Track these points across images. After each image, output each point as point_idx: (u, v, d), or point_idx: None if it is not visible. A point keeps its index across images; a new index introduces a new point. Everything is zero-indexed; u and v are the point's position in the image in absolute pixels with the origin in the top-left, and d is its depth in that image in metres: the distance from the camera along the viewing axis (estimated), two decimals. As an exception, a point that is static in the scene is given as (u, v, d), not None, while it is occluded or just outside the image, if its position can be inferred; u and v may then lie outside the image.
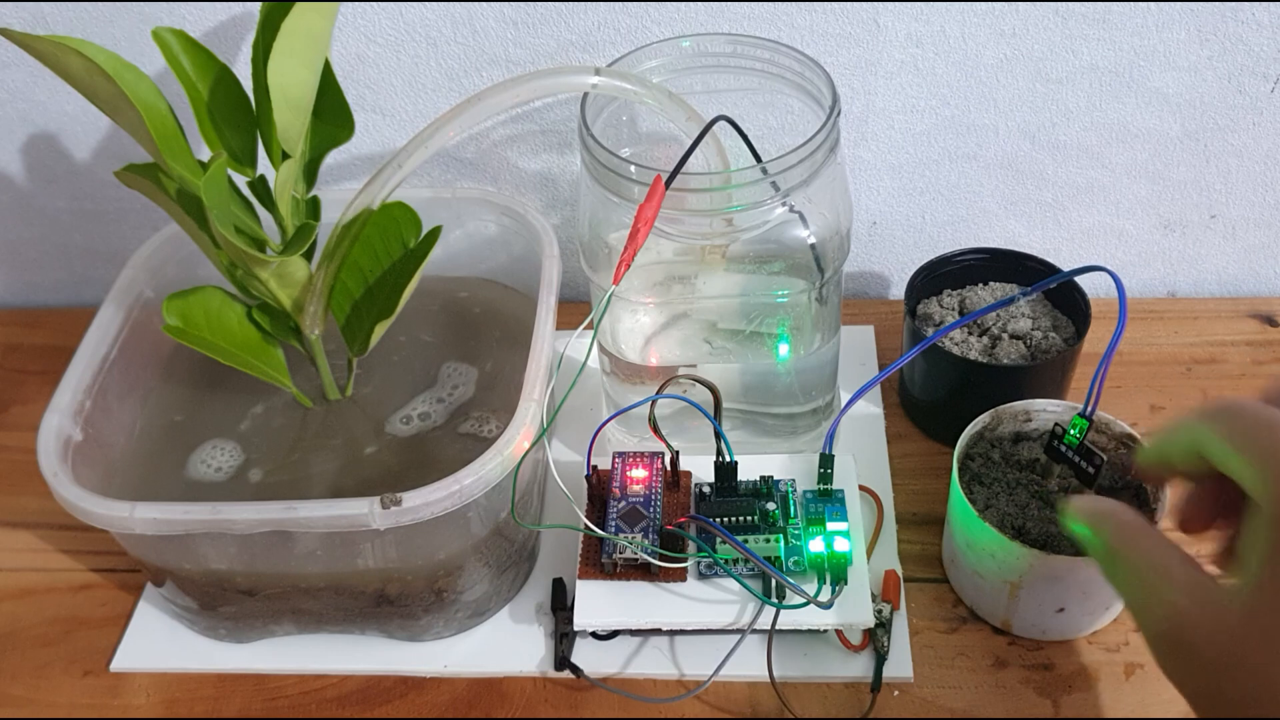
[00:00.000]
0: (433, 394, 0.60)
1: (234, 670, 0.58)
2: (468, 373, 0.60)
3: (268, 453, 0.60)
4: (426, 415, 0.58)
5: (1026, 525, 0.55)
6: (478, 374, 0.60)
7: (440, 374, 0.61)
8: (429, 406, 0.59)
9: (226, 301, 0.59)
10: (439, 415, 0.59)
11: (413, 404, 0.60)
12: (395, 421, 0.59)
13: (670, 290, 0.61)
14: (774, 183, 0.52)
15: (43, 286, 0.84)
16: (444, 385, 0.60)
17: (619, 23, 0.66)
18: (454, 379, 0.60)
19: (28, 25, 0.68)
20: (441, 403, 0.60)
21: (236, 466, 0.59)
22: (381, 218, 0.59)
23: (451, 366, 0.60)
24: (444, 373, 0.60)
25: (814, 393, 0.64)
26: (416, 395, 0.61)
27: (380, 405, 0.62)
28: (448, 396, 0.59)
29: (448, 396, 0.59)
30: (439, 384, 0.60)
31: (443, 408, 0.59)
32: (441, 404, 0.60)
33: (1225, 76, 0.67)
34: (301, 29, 0.51)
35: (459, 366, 0.60)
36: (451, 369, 0.60)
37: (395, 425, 0.59)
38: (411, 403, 0.60)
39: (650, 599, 0.54)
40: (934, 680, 0.56)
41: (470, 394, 0.60)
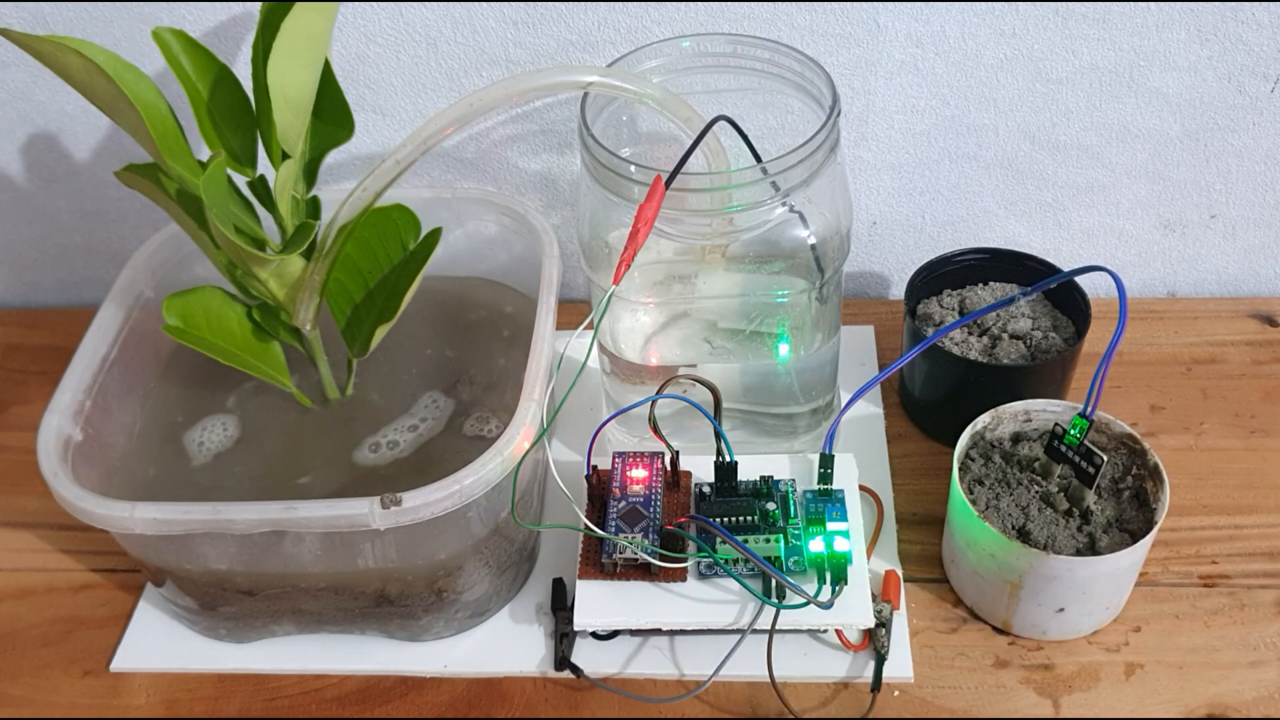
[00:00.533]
0: (406, 421, 0.59)
1: (234, 670, 0.58)
2: (445, 405, 0.59)
3: (267, 452, 0.60)
4: (395, 444, 0.58)
5: (1027, 525, 0.55)
6: (454, 406, 0.59)
7: (418, 403, 0.60)
8: (399, 435, 0.58)
9: (226, 301, 0.59)
10: (408, 446, 0.58)
11: (384, 431, 0.59)
12: (364, 449, 0.58)
13: (670, 290, 0.61)
14: (774, 183, 0.52)
15: (43, 286, 0.84)
16: (419, 414, 0.59)
17: (619, 23, 0.66)
18: (429, 410, 0.59)
19: (28, 25, 0.68)
20: (414, 431, 0.59)
21: (233, 440, 0.59)
22: (380, 220, 0.59)
23: (431, 396, 0.60)
24: (422, 402, 0.60)
25: (814, 393, 0.64)
26: (389, 422, 0.60)
27: (379, 406, 0.62)
28: (420, 424, 0.59)
29: (420, 424, 0.59)
30: (413, 413, 0.60)
31: (413, 437, 0.58)
32: (413, 433, 0.59)
33: (1225, 76, 0.67)
34: (301, 29, 0.51)
35: (438, 397, 0.60)
36: (431, 399, 0.60)
37: (364, 453, 0.58)
38: (383, 430, 0.59)
39: (650, 599, 0.54)
40: (934, 680, 0.56)
41: (443, 426, 0.59)
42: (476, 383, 0.63)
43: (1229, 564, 0.60)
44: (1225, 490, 0.64)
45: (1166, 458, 0.57)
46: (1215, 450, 0.66)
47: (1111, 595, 0.56)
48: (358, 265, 0.60)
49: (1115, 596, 0.56)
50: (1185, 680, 0.55)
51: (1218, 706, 0.54)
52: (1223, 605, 0.58)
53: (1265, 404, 0.69)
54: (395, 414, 0.61)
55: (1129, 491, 0.57)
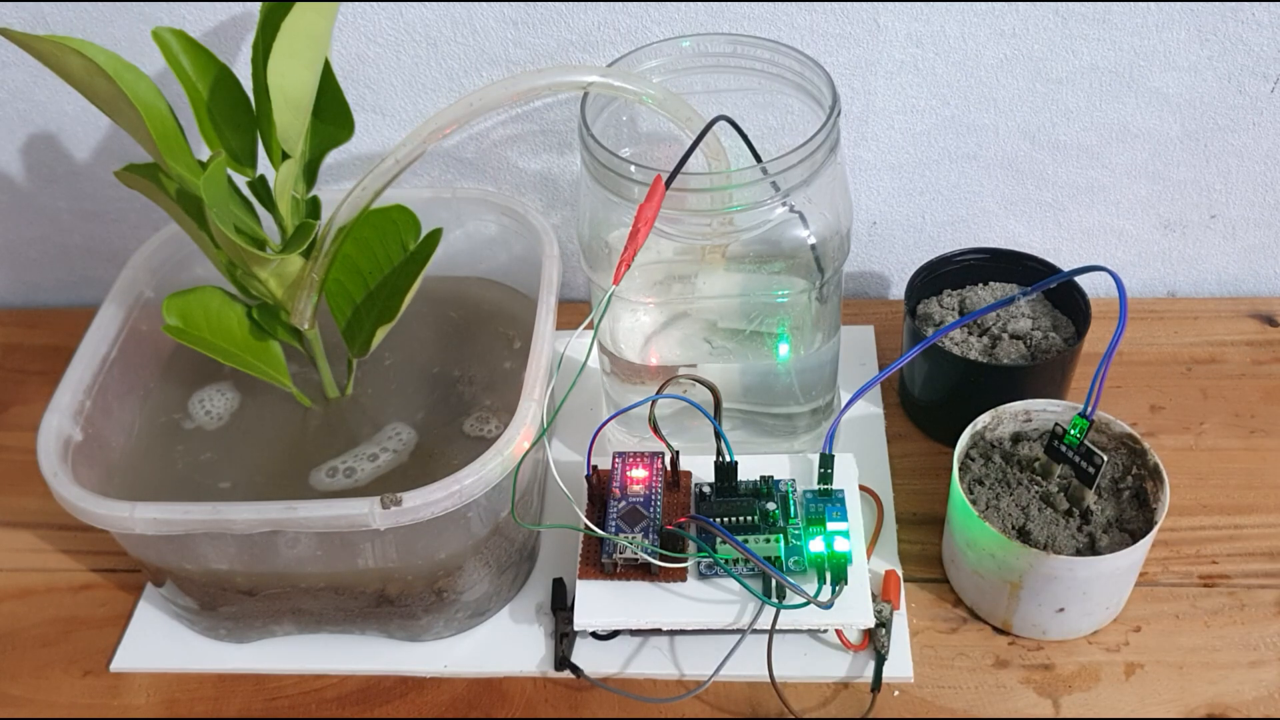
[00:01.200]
0: (366, 449, 0.59)
1: (234, 670, 0.58)
2: (408, 437, 0.59)
3: (266, 451, 0.60)
4: (352, 471, 0.57)
5: (1027, 525, 0.55)
6: (418, 439, 0.59)
7: (381, 432, 0.59)
8: (357, 463, 0.58)
9: (226, 301, 0.59)
10: (365, 475, 0.57)
11: (342, 458, 0.58)
12: (322, 473, 0.58)
13: (670, 290, 0.61)
14: (774, 183, 0.52)
15: (43, 286, 0.84)
16: (381, 443, 0.59)
17: (619, 23, 0.66)
18: (392, 441, 0.59)
19: (28, 25, 0.68)
20: (373, 460, 0.58)
21: (231, 412, 0.59)
22: (380, 220, 0.59)
23: (395, 428, 0.59)
24: (386, 431, 0.59)
25: (814, 393, 0.64)
26: (350, 449, 0.59)
27: (379, 406, 0.62)
28: (380, 455, 0.58)
29: (380, 455, 0.58)
30: (374, 441, 0.59)
31: (372, 467, 0.58)
32: (372, 462, 0.58)
33: (1225, 76, 0.67)
34: (301, 29, 0.51)
35: (402, 429, 0.59)
36: (394, 430, 0.59)
37: (321, 477, 0.57)
38: (341, 456, 0.58)
39: (650, 599, 0.54)
40: (934, 680, 0.56)
41: (404, 460, 0.58)
42: (476, 383, 0.63)
43: (1229, 564, 0.60)
44: (1225, 490, 0.64)
45: (1166, 458, 0.57)
46: (1215, 450, 0.66)
47: (1111, 595, 0.56)
48: (358, 266, 0.60)
49: (1115, 596, 0.56)
50: (1185, 680, 0.55)
51: (1218, 706, 0.54)
52: (1223, 605, 0.58)
53: (1265, 404, 0.69)
54: (320, 466, 0.59)
55: (1129, 491, 0.57)
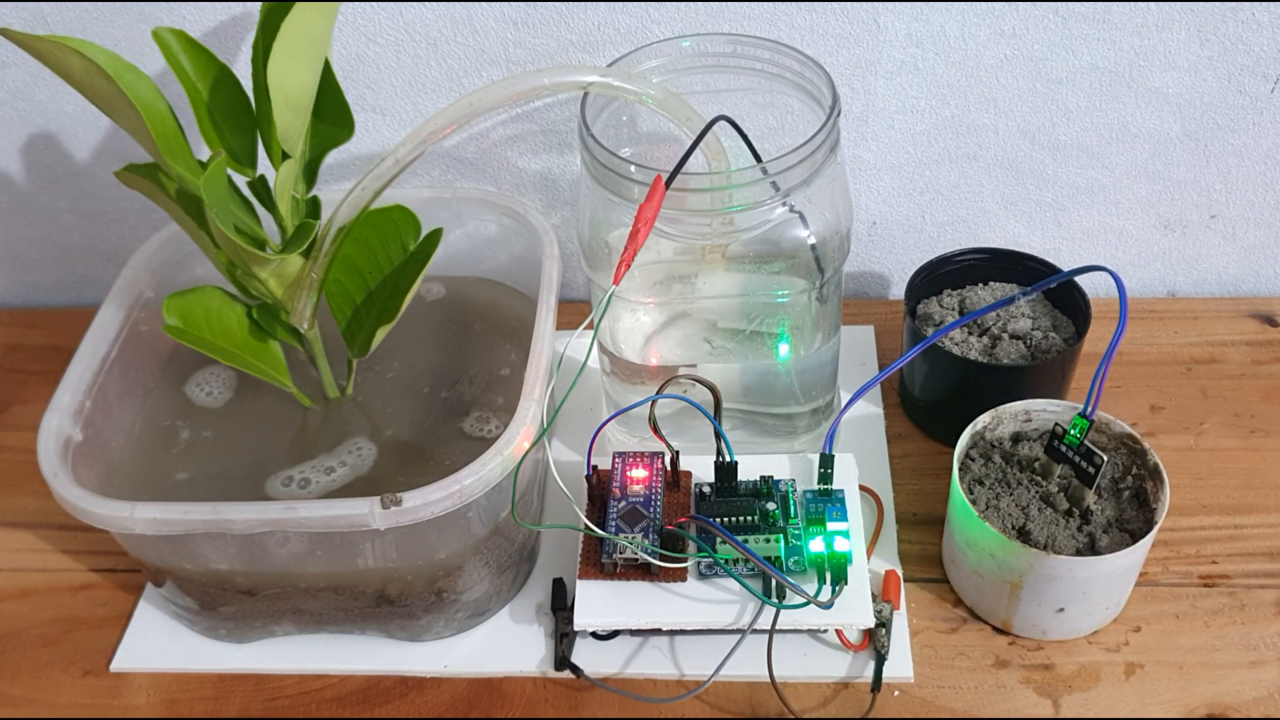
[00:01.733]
0: (325, 461, 0.58)
1: (234, 670, 0.58)
2: (368, 451, 0.59)
3: (265, 450, 0.60)
4: (307, 481, 0.57)
5: (1027, 525, 0.55)
6: (377, 453, 0.59)
7: (342, 446, 0.59)
8: (314, 475, 0.57)
9: (226, 301, 0.59)
10: (318, 488, 0.57)
11: (299, 467, 0.58)
12: (277, 482, 0.57)
13: (670, 290, 0.61)
14: (774, 183, 0.52)
15: (43, 286, 0.84)
16: (340, 456, 0.58)
17: (619, 23, 0.66)
18: (351, 456, 0.58)
19: (28, 25, 0.68)
20: (329, 474, 0.58)
21: (231, 392, 0.59)
22: (380, 220, 0.59)
23: (356, 443, 0.59)
24: (346, 445, 0.59)
25: (814, 393, 0.64)
26: (306, 460, 0.59)
27: (379, 406, 0.62)
28: (338, 468, 0.58)
29: (338, 468, 0.58)
30: (335, 454, 0.59)
31: (326, 480, 0.57)
32: (328, 475, 0.58)
33: (1225, 76, 0.67)
34: (301, 29, 0.51)
35: (363, 444, 0.59)
36: (355, 444, 0.59)
37: (275, 486, 0.57)
38: (299, 466, 0.58)
39: (650, 599, 0.54)
40: (934, 680, 0.56)
41: (362, 474, 0.58)
42: (476, 383, 0.63)
43: (1229, 564, 0.60)
44: (1225, 490, 0.64)
45: (1166, 458, 0.57)
46: (1215, 450, 0.66)
47: (1111, 595, 0.56)
48: (358, 266, 0.60)
49: (1115, 596, 0.56)
50: (1185, 680, 0.55)
51: (1218, 706, 0.54)
52: (1223, 605, 0.58)
53: (1265, 404, 0.69)
54: (275, 474, 0.59)
55: (1129, 491, 0.57)
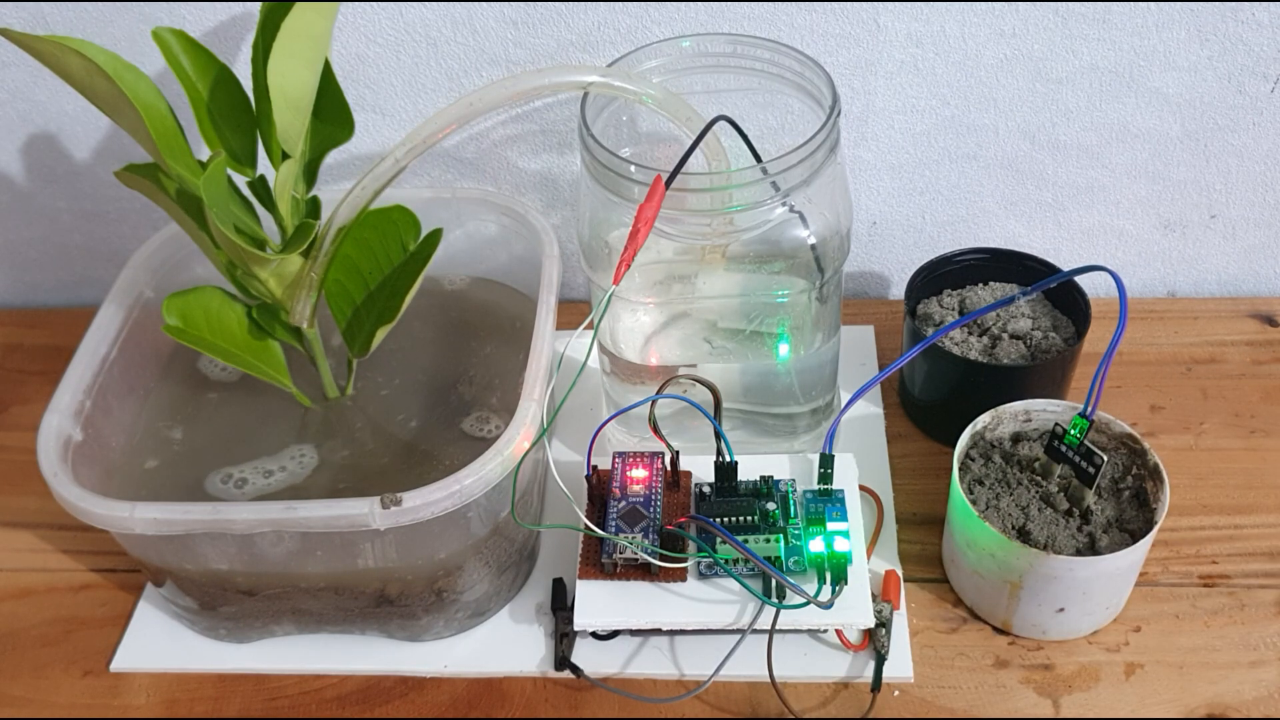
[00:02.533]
0: (265, 464, 0.59)
1: (234, 670, 0.58)
2: (310, 459, 0.59)
3: (263, 450, 0.60)
4: (244, 481, 0.57)
5: (1027, 525, 0.55)
6: (318, 461, 0.59)
7: (284, 452, 0.59)
8: (252, 475, 0.58)
9: (226, 301, 0.59)
10: (254, 490, 0.57)
11: (241, 467, 0.58)
12: (215, 479, 0.58)
13: (670, 290, 0.61)
14: (774, 183, 0.52)
15: (43, 286, 0.84)
16: (282, 461, 0.59)
17: (619, 23, 0.66)
18: (293, 462, 0.59)
19: (28, 25, 0.68)
20: (268, 476, 0.58)
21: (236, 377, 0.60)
22: (380, 221, 0.59)
23: (300, 449, 0.59)
24: (289, 451, 0.59)
25: (814, 393, 0.64)
26: (251, 459, 0.59)
27: (379, 406, 0.62)
28: (277, 472, 0.58)
29: (277, 472, 0.58)
30: (278, 458, 0.59)
31: (264, 483, 0.58)
32: (267, 478, 0.58)
33: (1225, 76, 0.67)
34: (301, 29, 0.51)
35: (307, 450, 0.59)
36: (299, 451, 0.59)
37: (214, 483, 0.57)
38: (240, 465, 0.58)
39: (650, 599, 0.54)
40: (934, 680, 0.56)
41: (300, 480, 0.58)
42: (476, 383, 0.63)
43: (1229, 564, 0.60)
44: (1225, 490, 0.64)
45: (1166, 458, 0.57)
46: (1215, 450, 0.66)
47: (1111, 595, 0.56)
48: (358, 266, 0.60)
49: (1115, 596, 0.56)
50: (1185, 680, 0.55)
51: (1218, 706, 0.54)
52: (1223, 605, 0.58)
53: (1265, 404, 0.69)
54: (215, 471, 0.59)
55: (1129, 491, 0.57)
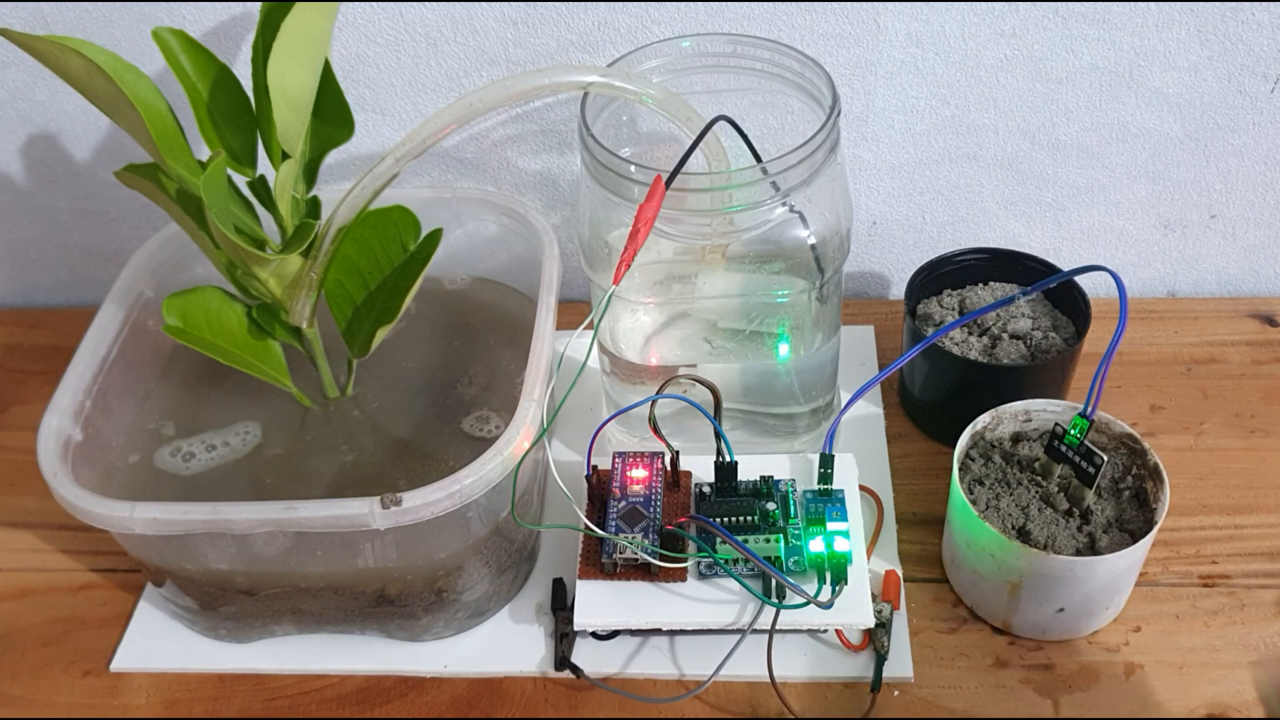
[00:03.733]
0: (211, 438, 0.59)
1: (234, 670, 0.58)
2: (253, 436, 0.60)
3: (266, 451, 0.60)
4: (191, 455, 0.58)
5: (1027, 526, 0.55)
6: (262, 434, 0.60)
7: (230, 427, 0.60)
8: (198, 449, 0.58)
9: (226, 301, 0.59)
10: (200, 464, 0.58)
11: (191, 440, 0.59)
12: (164, 452, 0.58)
13: (670, 290, 0.61)
14: (774, 183, 0.52)
15: (43, 286, 0.84)
16: (227, 436, 0.59)
17: (619, 23, 0.66)
18: (239, 437, 0.59)
19: (28, 25, 0.68)
20: (211, 450, 0.59)
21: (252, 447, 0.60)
22: (380, 221, 0.59)
23: (246, 426, 0.60)
24: (235, 427, 0.60)
25: (814, 393, 0.64)
26: (198, 432, 0.60)
27: (378, 405, 0.62)
28: (220, 447, 0.59)
29: (220, 447, 0.59)
30: (223, 433, 0.59)
31: (209, 456, 0.58)
32: (210, 452, 0.59)
33: (1225, 76, 0.67)
34: (301, 29, 0.51)
35: (251, 427, 0.60)
36: (245, 428, 0.60)
37: (163, 456, 0.58)
38: (190, 439, 0.59)
39: (650, 599, 0.54)
40: (934, 680, 0.56)
41: (240, 456, 0.59)
42: (476, 383, 0.63)
43: (1229, 564, 0.60)
44: (1225, 490, 0.64)
45: (1166, 458, 0.57)
46: (1215, 450, 0.66)
47: (1111, 595, 0.55)
48: (358, 266, 0.60)
49: (1115, 597, 0.56)
50: (1185, 680, 0.55)
51: (1218, 706, 0.54)
52: (1223, 605, 0.58)
53: (1265, 404, 0.69)
54: (393, 415, 0.60)
55: (1129, 491, 0.57)
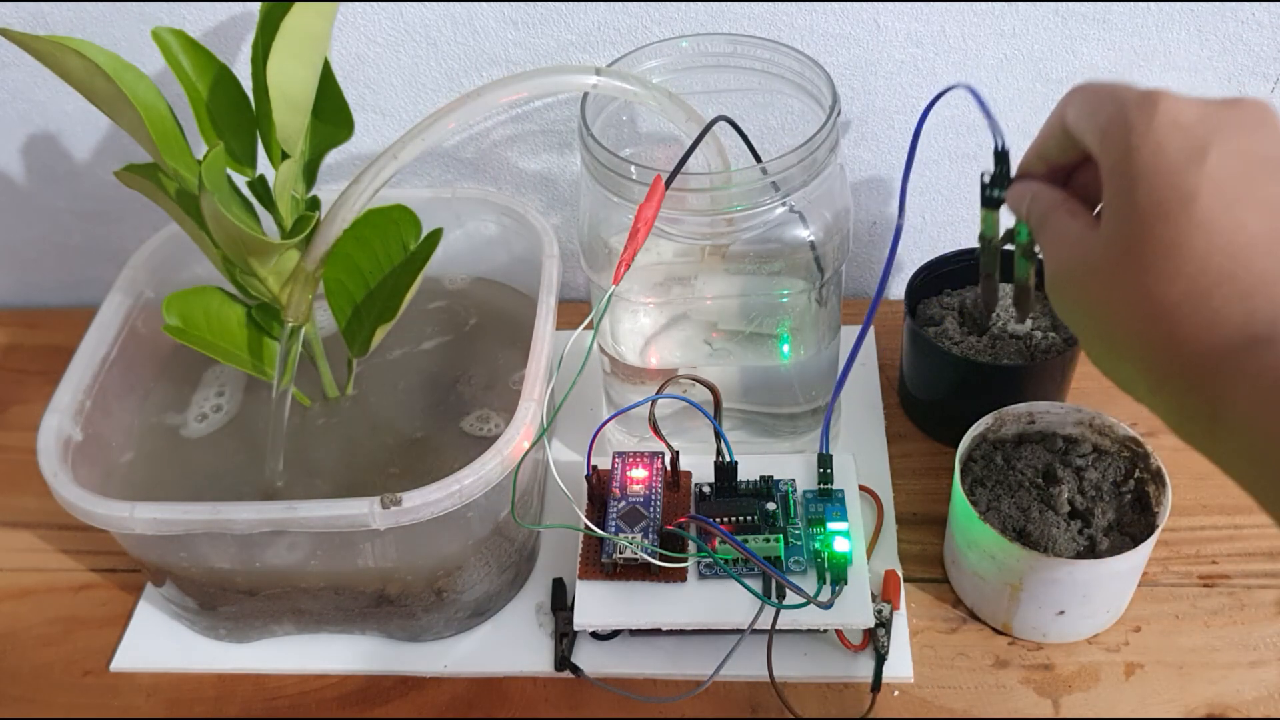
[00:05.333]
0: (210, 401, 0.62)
1: (234, 670, 0.58)
2: (233, 400, 0.63)
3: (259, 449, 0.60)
4: (203, 416, 0.61)
5: (1027, 527, 0.55)
6: (239, 405, 0.62)
7: (203, 379, 0.64)
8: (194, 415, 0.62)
9: (226, 301, 0.59)
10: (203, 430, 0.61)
11: (184, 412, 0.62)
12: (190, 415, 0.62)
13: (670, 291, 0.61)
14: (774, 183, 0.52)
15: (43, 286, 0.84)
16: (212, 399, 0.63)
17: (619, 23, 0.66)
18: (223, 398, 0.62)
19: (28, 25, 0.68)
20: (201, 421, 0.62)
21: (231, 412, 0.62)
22: (381, 220, 0.59)
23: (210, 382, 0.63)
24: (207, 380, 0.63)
25: (814, 393, 0.64)
26: (196, 393, 0.63)
27: (378, 405, 0.62)
28: (213, 413, 0.62)
29: (213, 413, 0.62)
30: (202, 385, 0.63)
31: (203, 426, 0.61)
32: (201, 422, 0.62)
33: (1225, 76, 0.67)
34: (301, 29, 0.51)
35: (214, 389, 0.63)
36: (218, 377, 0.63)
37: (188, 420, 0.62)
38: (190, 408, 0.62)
39: (650, 599, 0.54)
40: (934, 680, 0.56)
41: (231, 418, 0.62)
42: (476, 383, 0.63)
43: (1229, 564, 0.60)
44: (1225, 490, 0.64)
45: (1166, 457, 0.57)
46: (1215, 450, 0.66)
47: (1112, 598, 0.55)
48: (358, 265, 0.60)
49: (1116, 600, 0.56)
50: (1185, 680, 0.55)
51: (1218, 706, 0.54)
52: (1223, 605, 0.58)
53: (1265, 404, 0.69)
54: (393, 414, 0.61)
55: (1130, 495, 0.56)
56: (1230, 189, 0.38)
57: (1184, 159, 0.39)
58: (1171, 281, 0.38)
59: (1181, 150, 0.39)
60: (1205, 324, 0.38)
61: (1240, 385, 0.37)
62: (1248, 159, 0.39)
